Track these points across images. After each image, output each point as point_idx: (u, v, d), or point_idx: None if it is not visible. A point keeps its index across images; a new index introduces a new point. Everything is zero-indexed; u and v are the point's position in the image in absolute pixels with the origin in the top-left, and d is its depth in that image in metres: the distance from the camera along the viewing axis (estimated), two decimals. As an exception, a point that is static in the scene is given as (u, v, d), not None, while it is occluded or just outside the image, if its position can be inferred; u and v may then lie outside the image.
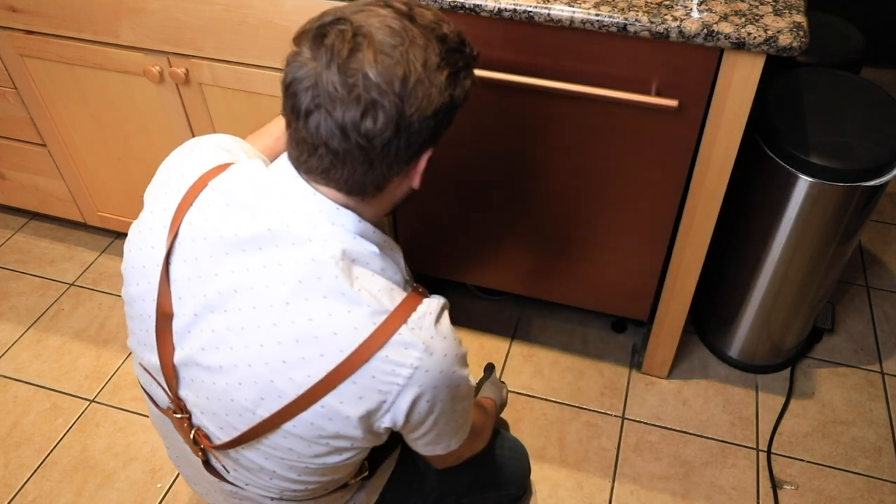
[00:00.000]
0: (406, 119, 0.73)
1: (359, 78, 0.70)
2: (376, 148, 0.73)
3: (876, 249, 2.03)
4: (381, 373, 0.76)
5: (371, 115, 0.71)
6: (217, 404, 0.83)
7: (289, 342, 0.76)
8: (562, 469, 1.55)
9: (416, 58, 0.72)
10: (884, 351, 1.77)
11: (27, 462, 1.58)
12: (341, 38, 0.71)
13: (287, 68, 0.74)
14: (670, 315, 1.56)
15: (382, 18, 0.73)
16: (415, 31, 0.73)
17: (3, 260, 2.05)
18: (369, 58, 0.70)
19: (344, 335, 0.76)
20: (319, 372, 0.76)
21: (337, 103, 0.71)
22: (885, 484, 1.52)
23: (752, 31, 1.09)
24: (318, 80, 0.71)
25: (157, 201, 0.87)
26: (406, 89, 0.72)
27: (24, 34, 1.55)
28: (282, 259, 0.77)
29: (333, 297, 0.76)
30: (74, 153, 1.79)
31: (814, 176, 1.33)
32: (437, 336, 0.79)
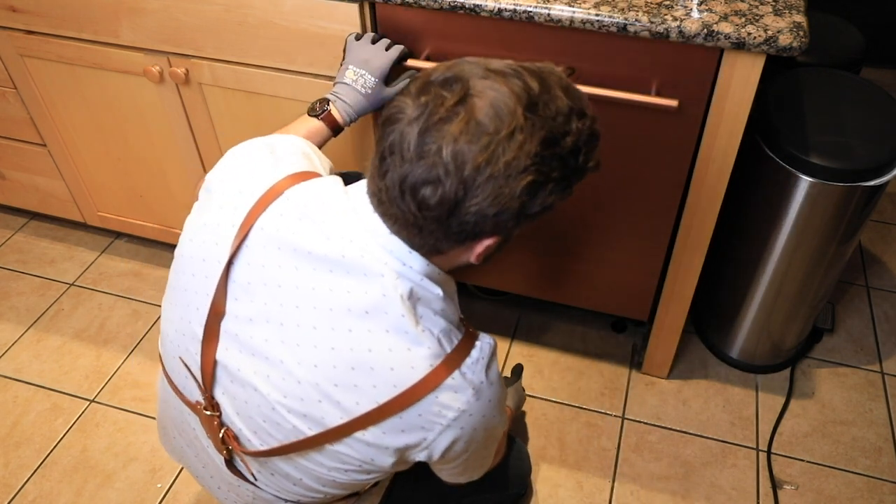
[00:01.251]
0: (462, 208, 0.69)
1: (433, 148, 0.68)
2: (426, 218, 0.71)
3: (876, 249, 2.03)
4: (428, 412, 0.77)
5: (430, 187, 0.68)
6: (255, 410, 0.83)
7: (344, 368, 0.77)
8: (562, 469, 1.55)
9: (502, 152, 0.67)
10: (884, 351, 1.77)
11: (27, 462, 1.58)
12: (440, 102, 0.68)
13: (391, 104, 0.73)
14: (670, 315, 1.56)
15: (500, 96, 0.68)
16: (521, 122, 0.67)
17: (3, 260, 2.05)
18: (454, 132, 0.67)
19: (400, 372, 0.76)
20: (370, 402, 0.77)
21: (406, 161, 0.69)
22: (885, 484, 1.52)
23: (752, 31, 1.09)
24: (402, 131, 0.69)
25: (228, 197, 0.84)
26: (474, 181, 0.68)
27: (24, 34, 1.55)
28: (351, 287, 0.76)
29: (396, 334, 0.76)
30: (74, 153, 1.79)
31: (814, 176, 1.33)
32: (485, 382, 0.79)
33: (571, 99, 0.72)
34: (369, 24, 1.29)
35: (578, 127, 0.71)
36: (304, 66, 1.38)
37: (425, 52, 1.29)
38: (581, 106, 0.73)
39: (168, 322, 0.90)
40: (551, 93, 0.70)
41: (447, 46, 1.28)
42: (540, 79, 0.71)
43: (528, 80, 0.70)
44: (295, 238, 0.78)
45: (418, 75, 0.74)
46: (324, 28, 1.30)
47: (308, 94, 1.42)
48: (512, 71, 0.71)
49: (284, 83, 1.42)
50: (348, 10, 1.26)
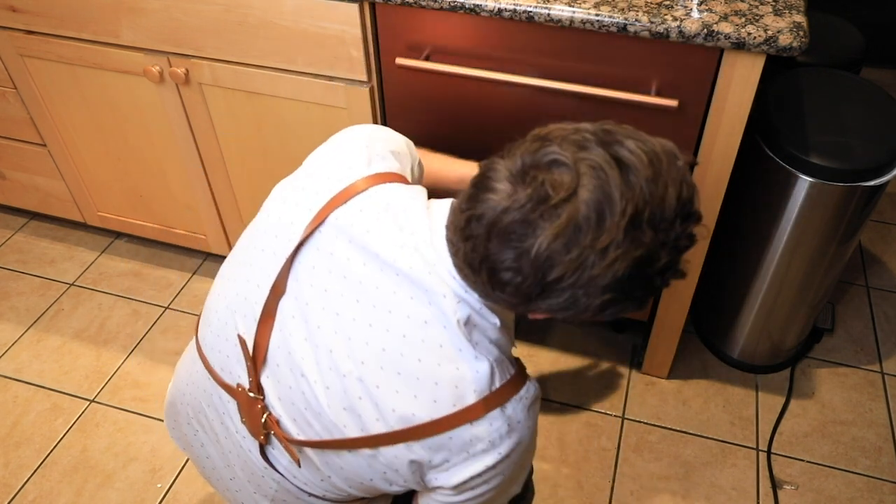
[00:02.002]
0: (534, 301, 0.68)
1: (525, 244, 0.63)
2: (494, 292, 0.69)
3: (876, 249, 2.03)
4: (459, 438, 0.77)
5: (509, 274, 0.66)
6: (299, 397, 0.82)
7: (391, 371, 0.77)
8: (562, 469, 1.55)
9: (591, 265, 0.63)
10: (884, 351, 1.77)
11: (27, 462, 1.58)
12: (543, 196, 0.62)
13: (489, 167, 0.68)
14: (670, 315, 1.56)
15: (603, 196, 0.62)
16: (619, 238, 0.62)
17: (3, 260, 2.05)
18: (550, 235, 0.62)
19: (444, 391, 0.76)
20: (406, 415, 0.77)
21: (492, 240, 0.66)
22: (885, 484, 1.52)
23: (752, 31, 1.09)
24: (496, 213, 0.65)
25: (314, 181, 0.85)
26: (553, 287, 0.65)
27: (24, 34, 1.55)
28: (414, 294, 0.76)
29: (449, 351, 0.76)
30: (74, 153, 1.79)
31: (814, 176, 1.33)
32: (523, 422, 0.79)
33: (682, 201, 0.65)
34: (369, 23, 1.29)
35: (678, 234, 0.65)
36: (304, 66, 1.38)
37: (425, 51, 1.29)
38: (690, 209, 0.66)
39: (220, 298, 0.89)
40: (662, 196, 0.64)
41: (447, 46, 1.28)
42: (654, 175, 0.64)
43: (643, 180, 0.63)
44: (368, 237, 0.78)
45: (516, 145, 0.67)
46: (324, 28, 1.30)
47: (308, 94, 1.42)
48: (626, 161, 0.64)
49: (284, 83, 1.42)
50: (348, 10, 1.26)
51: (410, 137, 1.43)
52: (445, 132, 1.41)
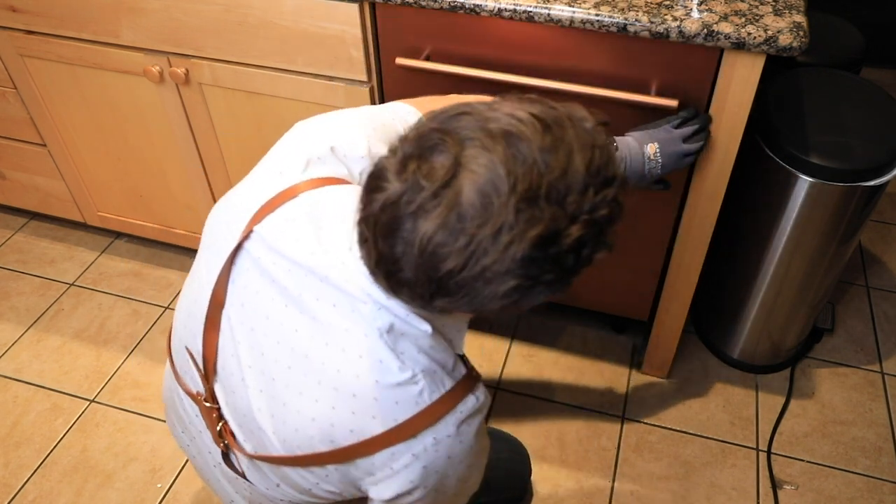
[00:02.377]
0: (436, 301, 0.62)
1: (409, 238, 0.58)
2: (396, 294, 0.65)
3: (876, 249, 2.03)
4: (381, 457, 0.75)
5: (403, 274, 0.61)
6: (243, 404, 0.81)
7: (313, 379, 0.74)
8: (562, 469, 1.55)
9: (482, 254, 0.57)
10: (884, 351, 1.77)
11: (27, 462, 1.58)
12: (419, 189, 0.57)
13: (379, 164, 0.62)
14: (670, 315, 1.56)
15: (493, 177, 0.56)
16: (510, 219, 0.56)
17: (3, 260, 2.05)
18: (429, 227, 0.57)
19: (362, 408, 0.73)
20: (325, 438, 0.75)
21: (380, 243, 0.61)
22: (885, 484, 1.52)
23: (752, 31, 1.09)
24: (382, 206, 0.60)
25: (253, 187, 0.82)
26: (447, 283, 0.59)
27: (24, 34, 1.55)
28: (337, 302, 0.73)
29: (369, 362, 0.72)
30: (74, 153, 1.79)
31: (814, 176, 1.33)
32: (452, 438, 0.74)
33: (593, 168, 0.59)
34: (369, 23, 1.29)
35: (592, 205, 0.59)
36: (304, 66, 1.38)
37: (425, 51, 1.29)
38: (606, 175, 0.60)
39: (179, 306, 0.89)
40: (565, 165, 0.58)
41: (447, 46, 1.28)
42: (553, 144, 0.58)
43: (537, 151, 0.57)
44: (291, 244, 0.76)
45: (407, 132, 0.62)
46: (324, 28, 1.30)
47: (308, 94, 1.42)
48: (518, 132, 0.57)
49: (284, 83, 1.42)
50: (348, 10, 1.26)
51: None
52: (445, 132, 1.41)
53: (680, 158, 1.15)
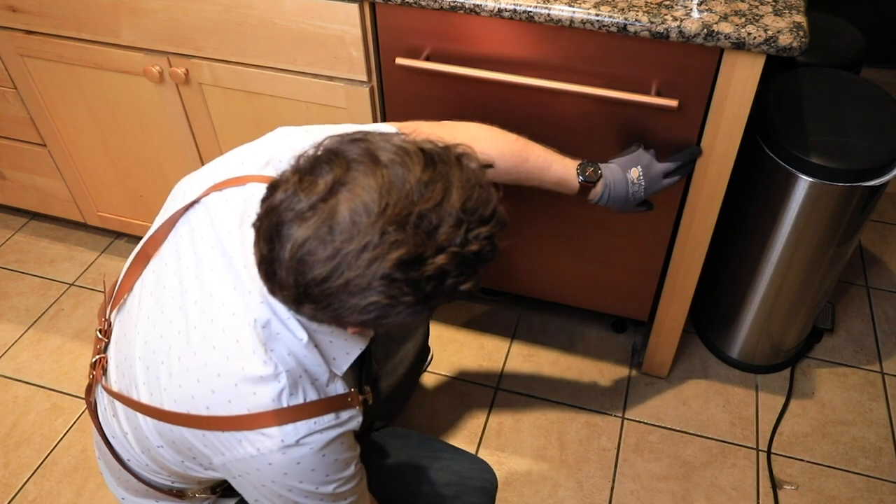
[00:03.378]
0: (304, 306, 0.67)
1: (282, 244, 0.63)
2: (274, 295, 0.70)
3: (876, 249, 2.03)
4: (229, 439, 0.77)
5: (278, 277, 0.65)
6: (126, 346, 0.86)
7: (192, 349, 0.78)
8: (562, 469, 1.55)
9: (346, 267, 0.61)
10: (884, 351, 1.77)
11: (27, 462, 1.58)
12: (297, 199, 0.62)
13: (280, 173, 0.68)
14: (670, 315, 1.56)
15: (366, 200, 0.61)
16: (374, 239, 0.60)
17: (3, 260, 2.05)
18: (302, 233, 0.62)
19: (223, 389, 0.76)
20: (181, 406, 0.78)
21: (260, 245, 0.66)
22: (885, 484, 1.52)
23: (752, 31, 1.09)
24: (265, 211, 0.66)
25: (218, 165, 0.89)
26: (312, 290, 0.64)
27: (24, 34, 1.55)
28: (237, 286, 0.77)
29: (242, 348, 0.76)
30: (74, 153, 1.79)
31: (814, 176, 1.33)
32: (300, 445, 0.76)
33: (468, 206, 0.63)
34: (369, 24, 1.29)
35: (461, 240, 0.63)
36: (304, 66, 1.38)
37: (425, 52, 1.29)
38: (481, 215, 0.64)
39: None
40: (440, 198, 0.62)
41: (447, 46, 1.28)
42: (432, 177, 0.62)
43: (414, 181, 0.61)
44: (220, 224, 0.81)
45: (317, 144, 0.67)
46: (324, 28, 1.30)
47: (308, 94, 1.42)
48: (402, 161, 0.62)
49: (284, 83, 1.42)
50: (348, 10, 1.26)
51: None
52: (445, 132, 1.41)
53: (660, 179, 1.22)
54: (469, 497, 1.12)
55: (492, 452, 1.58)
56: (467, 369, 1.74)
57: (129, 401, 0.84)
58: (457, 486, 1.12)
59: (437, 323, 1.84)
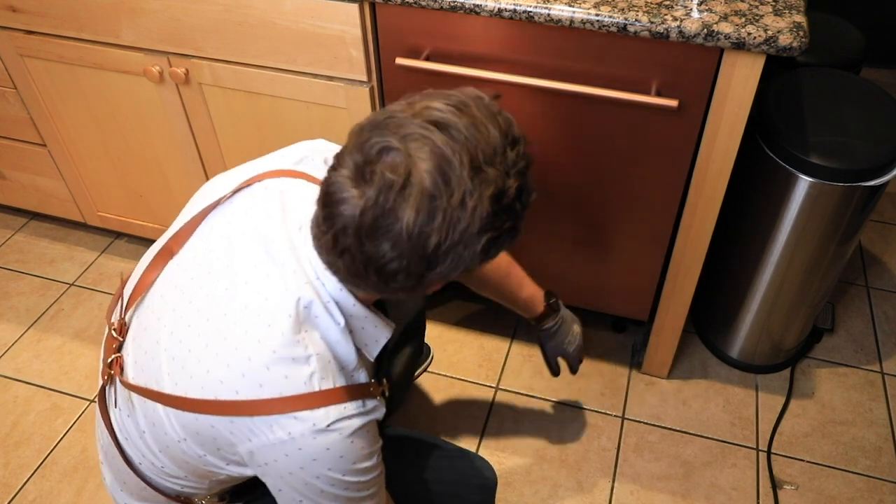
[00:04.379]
0: (427, 277, 0.71)
1: (395, 229, 0.66)
2: (390, 287, 0.72)
3: (876, 249, 2.03)
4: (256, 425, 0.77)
5: (396, 263, 0.69)
6: (147, 338, 0.85)
7: (220, 335, 0.79)
8: (562, 469, 1.55)
9: (458, 221, 0.67)
10: (884, 351, 1.77)
11: (27, 462, 1.58)
12: (390, 182, 0.66)
13: (331, 174, 0.70)
14: (670, 315, 1.56)
15: (438, 160, 0.66)
16: (468, 186, 0.66)
17: (3, 260, 2.05)
18: (410, 212, 0.66)
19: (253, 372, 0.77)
20: (209, 392, 0.78)
21: (367, 242, 0.68)
22: (885, 484, 1.52)
23: (752, 31, 1.09)
24: (356, 215, 0.67)
25: (252, 164, 0.92)
26: (437, 254, 0.68)
27: (24, 34, 1.55)
28: (271, 273, 0.79)
29: (275, 333, 0.77)
30: (74, 153, 1.79)
31: (814, 176, 1.33)
32: (330, 430, 0.77)
33: (503, 132, 0.70)
34: (369, 24, 1.29)
35: (514, 160, 0.70)
36: (304, 66, 1.38)
37: (425, 52, 1.29)
38: (513, 133, 0.72)
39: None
40: (486, 135, 0.69)
41: (447, 46, 1.28)
42: (470, 119, 0.69)
43: (463, 129, 0.68)
44: (256, 212, 0.83)
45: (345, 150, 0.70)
46: (324, 28, 1.30)
47: (308, 94, 1.42)
48: (443, 119, 0.68)
49: (284, 83, 1.42)
50: (348, 11, 1.26)
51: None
52: (445, 132, 1.41)
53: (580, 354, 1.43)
54: (470, 495, 1.15)
55: (492, 452, 1.58)
56: (467, 369, 1.74)
57: (151, 393, 0.83)
58: (458, 485, 1.14)
59: (438, 323, 1.84)
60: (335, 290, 0.78)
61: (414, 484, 1.12)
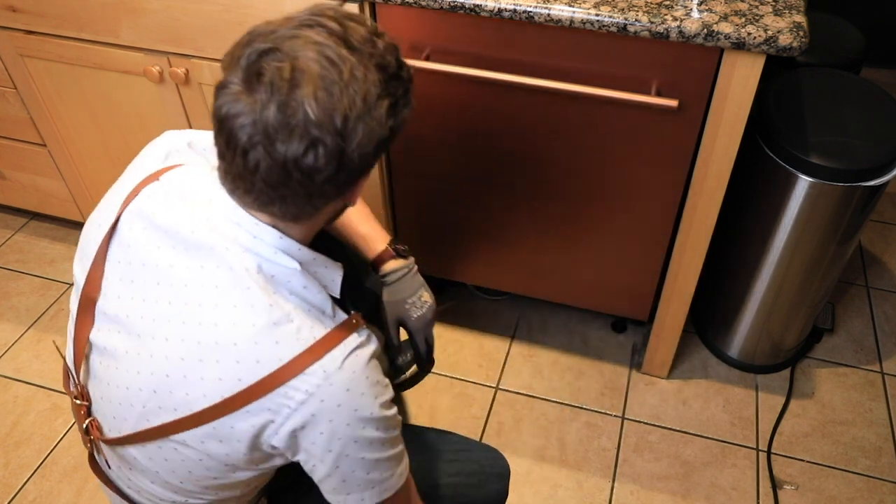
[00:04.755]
0: (347, 156, 0.71)
1: (300, 116, 0.68)
2: (317, 183, 0.72)
3: (876, 249, 2.03)
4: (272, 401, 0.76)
5: (313, 152, 0.69)
6: (115, 391, 0.83)
7: (192, 342, 0.77)
8: (562, 469, 1.55)
9: (356, 92, 0.70)
10: (884, 351, 1.77)
11: (27, 462, 1.58)
12: (279, 76, 0.68)
13: (219, 100, 0.71)
14: (670, 315, 1.56)
15: (318, 48, 0.70)
16: (352, 61, 0.71)
17: (3, 260, 2.05)
18: (309, 95, 0.68)
19: (245, 355, 0.75)
20: (215, 395, 0.76)
21: (278, 142, 0.69)
22: (885, 484, 1.52)
23: (752, 31, 1.09)
24: (256, 119, 0.69)
25: (120, 184, 0.89)
26: (347, 126, 0.70)
27: (24, 34, 1.55)
28: (204, 262, 0.77)
29: (242, 309, 0.75)
30: (74, 153, 1.79)
31: (814, 176, 1.33)
32: (344, 369, 0.76)
33: (364, 23, 0.75)
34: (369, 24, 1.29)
35: (384, 43, 0.75)
36: (304, 66, 1.38)
37: (425, 52, 1.29)
38: (374, 26, 0.77)
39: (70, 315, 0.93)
40: (348, 29, 0.73)
41: (447, 46, 1.28)
42: (332, 17, 0.74)
43: (328, 24, 0.73)
44: (156, 217, 0.80)
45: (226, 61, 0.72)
46: (324, 28, 1.30)
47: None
48: (310, 21, 0.73)
49: (284, 83, 1.42)
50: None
51: (409, 138, 1.44)
52: (445, 132, 1.41)
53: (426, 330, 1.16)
54: (490, 483, 1.16)
55: (492, 452, 1.58)
56: (467, 369, 1.74)
57: (150, 432, 0.81)
58: (479, 475, 1.16)
59: (438, 323, 1.83)
60: (275, 240, 0.77)
61: (441, 477, 1.13)
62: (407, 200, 1.58)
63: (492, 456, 1.19)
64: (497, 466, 1.18)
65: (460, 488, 1.14)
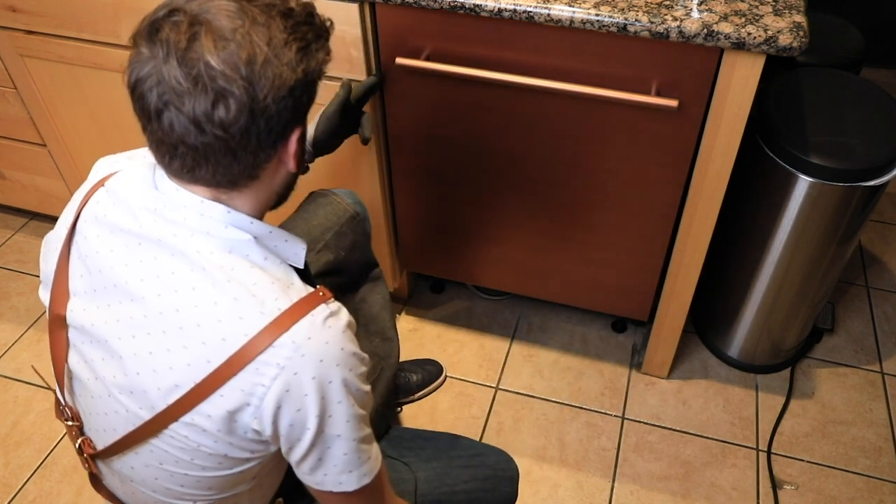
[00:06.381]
0: (260, 103, 0.70)
1: (201, 67, 0.67)
2: (235, 137, 0.71)
3: (876, 249, 2.03)
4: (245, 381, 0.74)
5: (222, 104, 0.68)
6: (100, 403, 0.82)
7: (157, 333, 0.75)
8: (562, 469, 1.55)
9: (259, 38, 0.69)
10: (884, 351, 1.77)
11: (27, 462, 1.58)
12: (176, 30, 0.68)
13: (129, 69, 0.71)
14: (670, 315, 1.56)
15: (218, 4, 0.70)
16: (254, 11, 0.70)
17: (3, 260, 2.05)
18: (209, 45, 0.68)
19: (210, 340, 0.74)
20: (187, 381, 0.75)
21: (185, 97, 0.68)
22: (885, 484, 1.52)
23: (752, 31, 1.09)
24: (160, 77, 0.68)
25: (68, 207, 0.89)
26: (254, 72, 0.69)
27: (24, 34, 1.55)
28: (157, 254, 0.76)
29: (203, 292, 0.74)
30: (74, 153, 1.79)
31: (814, 176, 1.33)
32: (314, 339, 0.74)
33: None
34: (369, 23, 1.29)
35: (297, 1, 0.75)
36: (304, 66, 1.38)
37: (425, 52, 1.29)
38: None
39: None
40: None
41: (447, 46, 1.28)
42: None
43: None
44: (110, 216, 0.80)
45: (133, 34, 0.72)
46: (324, 28, 1.30)
47: (308, 94, 1.42)
48: None
49: (284, 83, 1.42)
50: (348, 10, 1.26)
51: (410, 138, 1.44)
52: (445, 132, 1.41)
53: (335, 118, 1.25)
54: (503, 486, 1.18)
55: (492, 452, 1.58)
56: (467, 369, 1.74)
57: (133, 436, 0.80)
58: (492, 480, 1.17)
59: (438, 323, 1.84)
60: (222, 215, 0.76)
61: (457, 483, 1.13)
62: (407, 200, 1.58)
63: (503, 459, 1.19)
64: (509, 470, 1.19)
65: (474, 493, 1.14)
